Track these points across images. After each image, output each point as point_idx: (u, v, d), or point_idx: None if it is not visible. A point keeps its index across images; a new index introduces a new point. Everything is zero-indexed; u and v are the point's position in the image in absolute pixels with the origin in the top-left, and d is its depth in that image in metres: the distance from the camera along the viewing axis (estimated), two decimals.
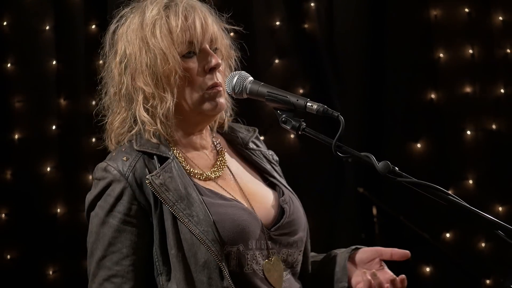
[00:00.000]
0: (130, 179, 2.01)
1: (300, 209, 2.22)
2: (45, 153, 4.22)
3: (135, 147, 2.06)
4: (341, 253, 2.21)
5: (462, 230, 4.48)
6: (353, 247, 2.20)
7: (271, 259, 2.08)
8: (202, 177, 2.11)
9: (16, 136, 4.20)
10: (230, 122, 2.28)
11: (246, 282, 2.01)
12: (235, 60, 2.21)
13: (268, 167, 2.26)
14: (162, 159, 2.06)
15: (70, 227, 4.18)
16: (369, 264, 2.13)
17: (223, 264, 1.96)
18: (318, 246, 4.63)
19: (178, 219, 1.98)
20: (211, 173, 2.14)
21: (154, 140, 2.08)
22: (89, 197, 2.07)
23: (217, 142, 2.23)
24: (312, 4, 4.52)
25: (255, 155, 2.27)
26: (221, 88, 2.11)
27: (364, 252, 2.15)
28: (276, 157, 2.36)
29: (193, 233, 1.97)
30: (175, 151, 2.10)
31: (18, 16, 4.23)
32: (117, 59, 2.11)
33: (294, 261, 2.14)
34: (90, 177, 4.22)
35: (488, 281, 4.46)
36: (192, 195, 2.01)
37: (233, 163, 2.22)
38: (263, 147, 2.33)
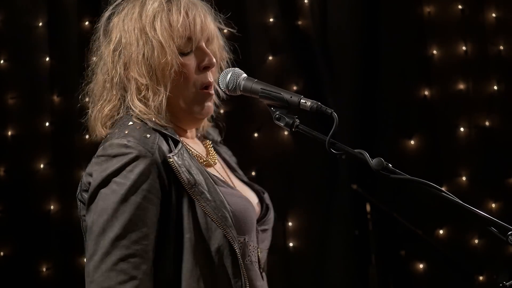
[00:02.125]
0: (156, 156, 1.95)
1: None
2: (38, 150, 4.21)
3: (151, 125, 2.02)
4: None
5: (455, 226, 4.49)
6: None
7: (260, 253, 2.09)
8: (204, 162, 2.12)
9: (9, 133, 4.19)
10: (208, 127, 2.31)
11: (246, 272, 2.01)
12: (226, 62, 2.22)
13: (235, 166, 2.31)
14: (175, 142, 2.03)
15: (64, 224, 4.17)
16: None
17: (238, 250, 1.95)
18: (311, 242, 4.66)
19: (196, 202, 1.95)
20: (210, 160, 2.15)
21: (160, 123, 2.05)
22: (102, 173, 1.96)
23: (199, 136, 2.27)
24: (306, 1, 4.52)
25: (225, 154, 2.32)
26: (212, 92, 2.12)
27: None
28: (235, 158, 2.38)
29: (210, 217, 1.94)
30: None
31: (11, 13, 4.22)
32: (111, 47, 2.10)
33: (264, 260, 2.16)
34: (84, 173, 4.20)
35: (481, 278, 4.47)
36: (207, 180, 2.00)
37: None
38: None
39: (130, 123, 2.03)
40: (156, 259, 1.95)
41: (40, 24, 4.22)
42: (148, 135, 1.98)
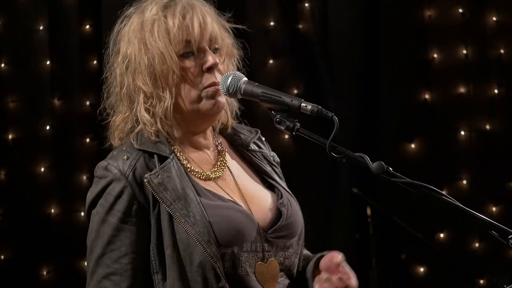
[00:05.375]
0: (130, 178, 2.02)
1: (298, 212, 2.23)
2: (39, 153, 4.21)
3: (136, 146, 2.07)
4: (312, 260, 2.23)
5: (456, 230, 4.49)
6: (319, 255, 2.21)
7: (266, 261, 2.08)
8: (202, 176, 2.12)
9: (10, 136, 4.19)
10: (233, 124, 2.28)
11: (239, 283, 2.02)
12: (237, 59, 2.22)
13: (268, 169, 2.27)
14: (162, 158, 2.07)
15: (64, 227, 4.17)
16: (329, 269, 2.13)
17: (218, 264, 1.97)
18: (312, 246, 4.64)
19: (175, 218, 1.99)
20: (211, 173, 2.14)
21: (154, 138, 2.08)
22: (90, 195, 2.07)
23: (219, 142, 2.23)
24: (307, 5, 4.52)
25: (255, 157, 2.28)
26: (219, 87, 2.11)
27: (324, 259, 2.15)
28: (277, 159, 2.37)
29: (189, 233, 1.98)
30: (176, 150, 2.11)
31: (12, 16, 4.22)
32: (119, 59, 2.13)
33: (291, 264, 2.15)
34: (84, 177, 4.22)
35: (481, 281, 4.47)
36: (190, 196, 2.02)
37: (233, 164, 2.22)
38: (265, 149, 2.34)
39: (124, 142, 2.12)
40: (147, 274, 2.04)
41: (41, 27, 4.23)
42: (127, 157, 2.06)
